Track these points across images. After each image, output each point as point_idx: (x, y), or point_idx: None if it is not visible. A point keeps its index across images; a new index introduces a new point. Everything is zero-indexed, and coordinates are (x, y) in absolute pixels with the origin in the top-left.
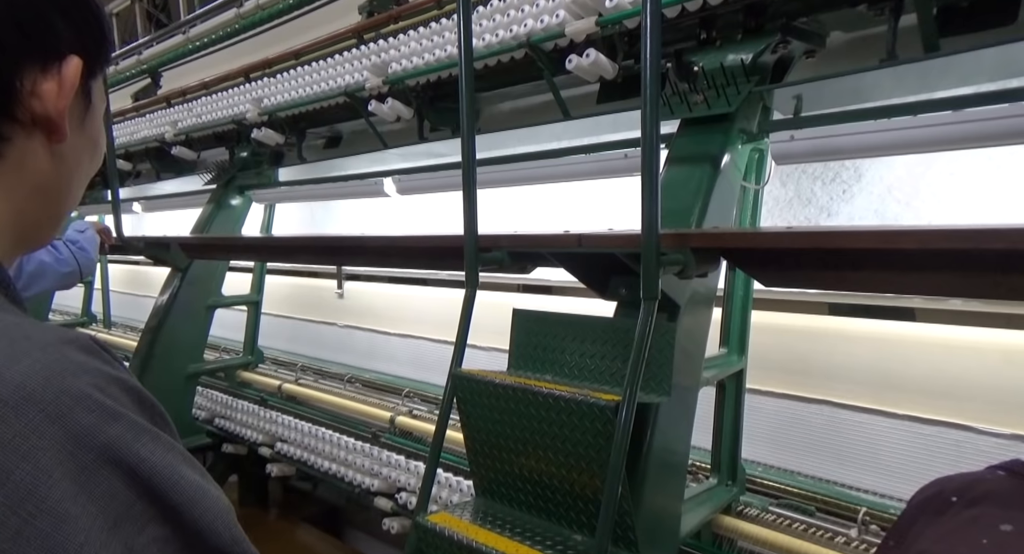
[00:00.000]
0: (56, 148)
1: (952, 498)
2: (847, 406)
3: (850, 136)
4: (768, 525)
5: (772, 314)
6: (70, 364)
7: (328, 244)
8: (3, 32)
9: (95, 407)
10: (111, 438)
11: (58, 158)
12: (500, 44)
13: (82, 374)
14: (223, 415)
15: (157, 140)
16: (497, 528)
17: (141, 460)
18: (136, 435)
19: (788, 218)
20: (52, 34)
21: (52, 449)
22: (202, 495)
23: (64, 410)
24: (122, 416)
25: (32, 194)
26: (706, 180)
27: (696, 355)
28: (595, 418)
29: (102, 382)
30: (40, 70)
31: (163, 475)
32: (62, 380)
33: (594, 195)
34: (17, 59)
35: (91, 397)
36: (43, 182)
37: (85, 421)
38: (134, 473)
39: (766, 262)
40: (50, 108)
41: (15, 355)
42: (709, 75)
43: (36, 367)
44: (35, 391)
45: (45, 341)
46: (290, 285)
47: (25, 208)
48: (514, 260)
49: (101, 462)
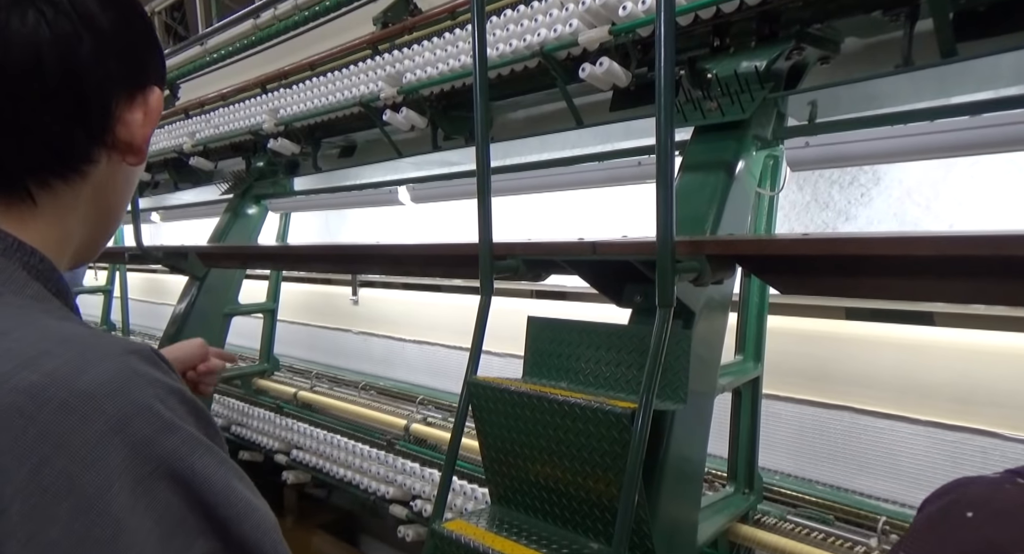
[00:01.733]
0: (127, 171)
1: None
2: (868, 412)
3: (866, 142)
4: (786, 534)
5: (788, 319)
6: (133, 374)
7: (343, 252)
8: (109, 63)
9: (155, 419)
10: (168, 450)
11: (126, 180)
12: (514, 53)
13: (145, 385)
14: (239, 422)
15: (175, 151)
16: (513, 535)
17: (195, 473)
18: (192, 448)
19: (805, 222)
20: (143, 66)
21: (114, 459)
22: (251, 510)
23: (126, 420)
24: (179, 429)
25: (101, 212)
26: (720, 187)
27: (712, 362)
28: (611, 425)
29: (163, 393)
30: (127, 99)
31: (215, 489)
32: (127, 390)
33: (608, 203)
34: (118, 86)
35: (151, 408)
36: (113, 202)
37: (144, 432)
38: (188, 486)
39: (781, 269)
40: (136, 135)
41: (84, 365)
42: (723, 82)
43: (104, 377)
44: (103, 401)
45: (112, 351)
46: (305, 292)
47: (92, 225)
48: (529, 268)
49: (158, 475)
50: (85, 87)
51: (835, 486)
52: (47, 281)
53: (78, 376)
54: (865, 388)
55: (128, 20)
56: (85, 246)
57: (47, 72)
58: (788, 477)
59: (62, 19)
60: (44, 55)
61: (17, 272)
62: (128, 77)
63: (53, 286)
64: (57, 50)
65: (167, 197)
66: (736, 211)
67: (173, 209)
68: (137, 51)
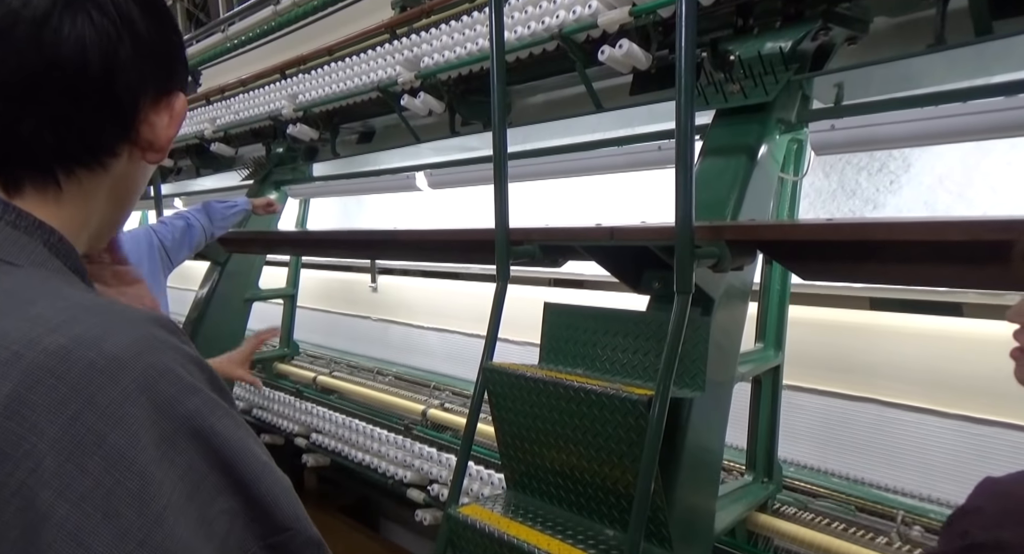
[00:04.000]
0: (145, 166)
1: None
2: (895, 405)
3: (896, 125)
4: (805, 524)
5: (810, 309)
6: (156, 340)
7: (361, 238)
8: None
9: (176, 381)
10: (190, 410)
11: (143, 174)
12: (532, 36)
13: (167, 350)
14: (260, 406)
15: (197, 137)
16: (528, 521)
17: (215, 433)
18: (212, 409)
19: (831, 210)
20: (171, 73)
21: (140, 416)
22: (268, 471)
23: (151, 381)
24: (200, 391)
25: (117, 202)
26: (742, 172)
27: (731, 350)
28: (627, 412)
29: (182, 358)
30: (153, 101)
31: (234, 449)
32: (151, 354)
33: (630, 189)
34: (148, 88)
35: (174, 371)
36: (128, 194)
37: (168, 392)
38: (208, 444)
39: (804, 255)
40: (160, 136)
41: (110, 329)
42: (746, 64)
43: (128, 340)
44: (128, 362)
45: (135, 319)
46: (325, 279)
47: (108, 214)
48: (546, 254)
49: (181, 432)
50: (119, 86)
51: (859, 480)
52: (66, 259)
53: (104, 339)
54: (892, 380)
55: (163, 27)
56: (99, 232)
57: (90, 70)
58: (804, 469)
59: (107, 22)
60: (89, 54)
61: (39, 248)
62: (158, 81)
63: (72, 264)
64: (100, 50)
65: (189, 183)
66: (758, 197)
67: (195, 195)
68: (168, 57)
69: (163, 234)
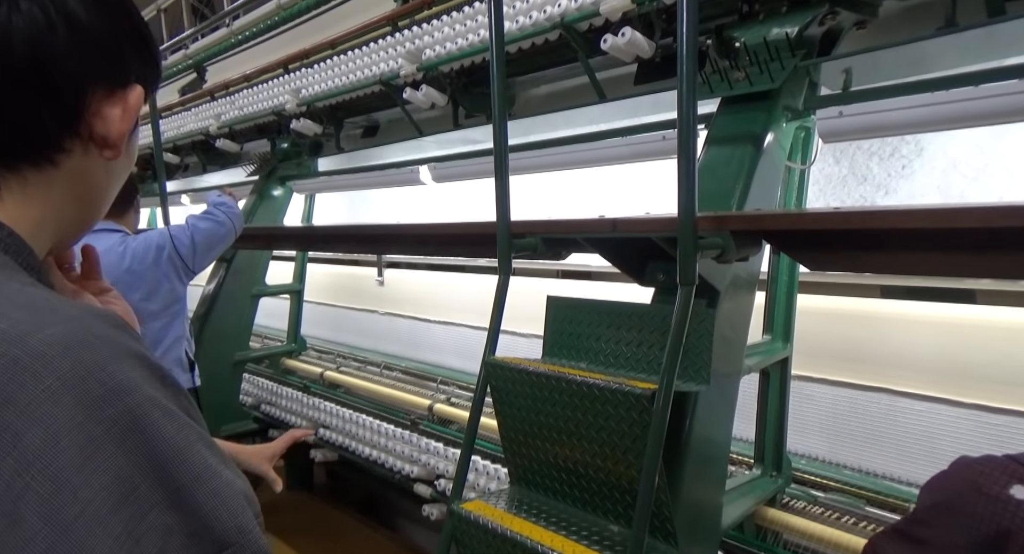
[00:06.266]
0: (108, 165)
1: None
2: (907, 394)
3: (906, 110)
4: (815, 518)
5: (820, 298)
6: (89, 335)
7: (364, 232)
8: (85, 55)
9: (107, 379)
10: (120, 412)
11: (106, 172)
12: (533, 26)
13: (101, 346)
14: (269, 401)
15: (202, 133)
16: (532, 517)
17: (149, 437)
18: (146, 411)
19: (842, 197)
20: (123, 63)
21: (63, 417)
22: (210, 476)
23: (78, 379)
24: (134, 391)
25: (78, 201)
26: (748, 160)
27: (737, 342)
28: (630, 407)
29: (120, 355)
30: (106, 94)
31: (167, 454)
32: (81, 350)
33: (636, 180)
34: (93, 80)
35: (105, 369)
36: (89, 192)
37: (96, 392)
38: (141, 449)
39: (811, 244)
40: (112, 131)
41: (39, 324)
42: (751, 51)
43: (56, 336)
44: (54, 359)
45: (70, 314)
46: (332, 274)
47: (70, 214)
48: (548, 246)
49: (109, 436)
50: (57, 77)
51: (870, 472)
52: (16, 255)
53: (31, 335)
54: (903, 369)
55: (109, 13)
56: (64, 231)
57: (17, 61)
58: (815, 461)
59: (36, 9)
60: (15, 44)
61: None
62: (108, 71)
63: (24, 261)
64: (28, 39)
65: (196, 180)
66: (764, 186)
67: (202, 191)
68: (119, 47)
69: (180, 241)
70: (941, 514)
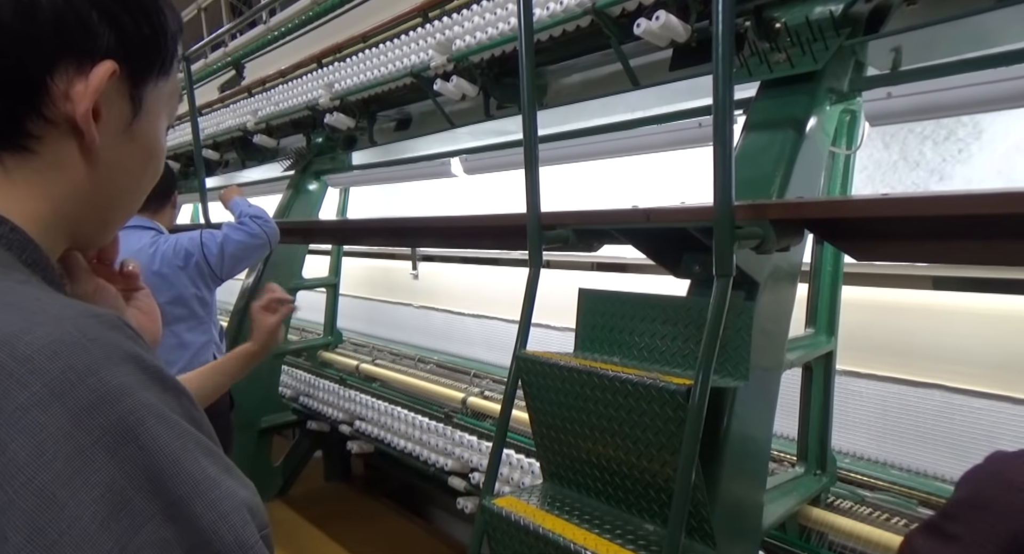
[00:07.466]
0: (94, 152)
1: None
2: (962, 391)
3: (961, 89)
4: (863, 519)
5: (866, 289)
6: (82, 338)
7: (396, 225)
8: (38, 28)
9: (99, 385)
10: (112, 420)
11: (97, 162)
12: (564, 12)
13: (94, 350)
14: (306, 393)
15: (240, 129)
16: (565, 514)
17: (143, 446)
18: (140, 418)
19: (892, 183)
20: (88, 35)
21: (50, 426)
22: (210, 487)
23: (67, 386)
24: (128, 397)
25: (70, 195)
26: (789, 146)
27: (778, 336)
28: (665, 403)
29: (115, 358)
30: (76, 72)
31: (163, 464)
32: (72, 354)
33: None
34: (50, 57)
35: (96, 374)
36: (80, 185)
37: (86, 399)
38: (134, 459)
39: (857, 234)
40: (74, 111)
41: (27, 326)
42: (793, 31)
43: (46, 339)
44: (42, 364)
45: (65, 315)
46: (367, 267)
47: (66, 210)
48: (579, 238)
49: (100, 445)
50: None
51: (921, 472)
52: (21, 251)
53: (19, 338)
54: (958, 365)
55: None
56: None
57: None
58: (861, 460)
59: None
60: None
61: None
62: (72, 48)
63: (28, 257)
64: None
65: (235, 175)
66: (806, 173)
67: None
68: (77, 18)
69: (209, 249)
70: (971, 508)
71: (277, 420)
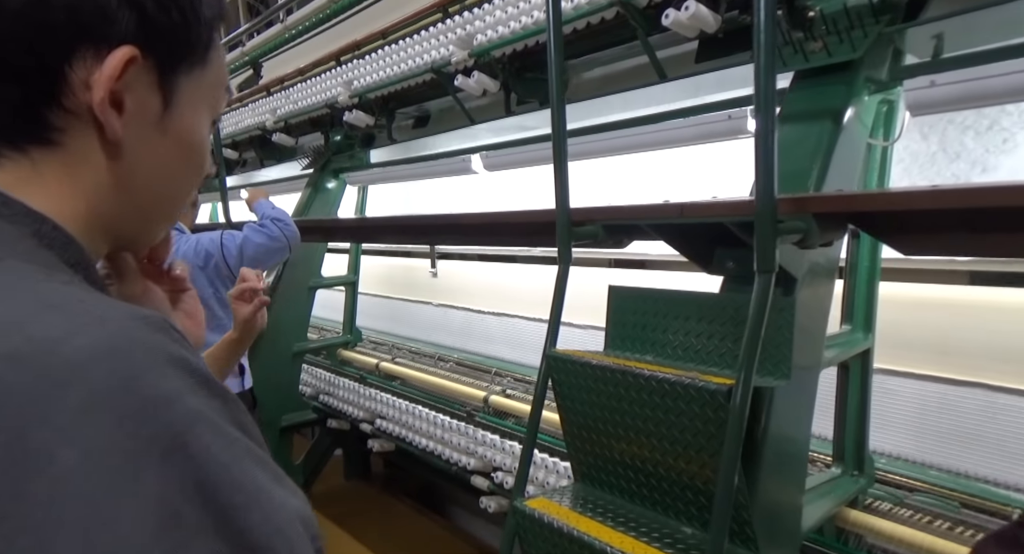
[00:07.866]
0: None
1: None
2: (1006, 389)
3: (1007, 76)
4: (902, 521)
5: (902, 285)
6: (129, 341)
7: (418, 223)
8: (51, 15)
9: (147, 391)
10: (160, 428)
11: (121, 155)
12: (589, 4)
13: (142, 353)
14: (327, 392)
15: (259, 128)
16: (599, 516)
17: (192, 455)
18: (189, 424)
19: (930, 176)
20: (106, 20)
21: (97, 435)
22: (264, 500)
23: (113, 391)
24: (176, 402)
25: (103, 191)
26: (826, 138)
27: (816, 333)
28: (705, 403)
29: (162, 362)
30: (94, 59)
31: (215, 472)
32: (117, 358)
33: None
34: (66, 44)
35: (143, 379)
36: (111, 180)
37: (133, 405)
38: (184, 469)
39: (905, 227)
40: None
41: (74, 330)
42: (829, 19)
43: (93, 344)
44: (88, 369)
45: (111, 317)
46: (386, 265)
47: (101, 208)
48: (609, 234)
49: (149, 454)
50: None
51: (963, 473)
52: (62, 251)
53: (64, 342)
54: (1001, 362)
55: None
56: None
57: None
58: (899, 461)
59: None
60: None
61: (25, 239)
62: (88, 33)
63: (71, 257)
64: None
65: (254, 174)
66: (844, 165)
67: (260, 185)
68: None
69: (229, 250)
70: None
71: (297, 419)
